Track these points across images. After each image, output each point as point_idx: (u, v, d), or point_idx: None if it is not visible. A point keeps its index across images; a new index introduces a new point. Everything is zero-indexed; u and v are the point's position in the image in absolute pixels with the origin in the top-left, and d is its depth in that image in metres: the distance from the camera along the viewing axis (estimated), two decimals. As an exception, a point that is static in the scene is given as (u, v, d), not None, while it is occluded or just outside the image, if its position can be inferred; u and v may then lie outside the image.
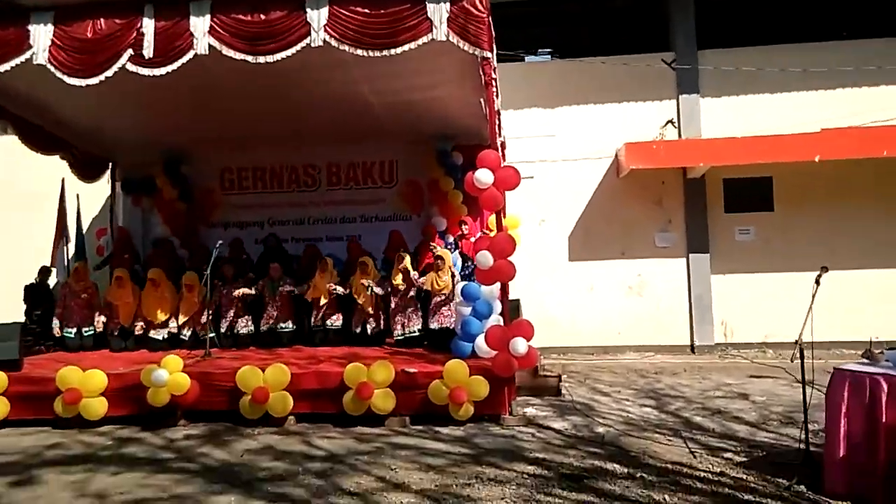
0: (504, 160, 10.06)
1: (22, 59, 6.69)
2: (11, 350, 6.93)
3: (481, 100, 8.41)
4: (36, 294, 9.32)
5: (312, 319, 8.57)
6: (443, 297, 7.95)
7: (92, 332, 8.70)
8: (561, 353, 10.87)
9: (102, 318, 8.68)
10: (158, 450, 5.53)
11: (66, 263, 9.70)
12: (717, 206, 11.26)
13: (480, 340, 6.72)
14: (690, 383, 8.37)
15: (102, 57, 6.65)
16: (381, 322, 8.52)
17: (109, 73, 6.67)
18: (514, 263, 6.38)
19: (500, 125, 8.70)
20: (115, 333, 8.64)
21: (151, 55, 6.60)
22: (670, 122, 11.25)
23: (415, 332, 8.22)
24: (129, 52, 6.60)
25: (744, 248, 11.22)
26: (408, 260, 8.28)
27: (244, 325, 8.64)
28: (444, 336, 7.73)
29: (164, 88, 8.05)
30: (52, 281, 9.61)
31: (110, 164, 10.82)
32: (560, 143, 11.40)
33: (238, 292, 8.39)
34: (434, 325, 7.99)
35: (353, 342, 8.46)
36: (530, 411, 6.71)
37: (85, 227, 10.76)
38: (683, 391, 7.82)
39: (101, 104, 8.60)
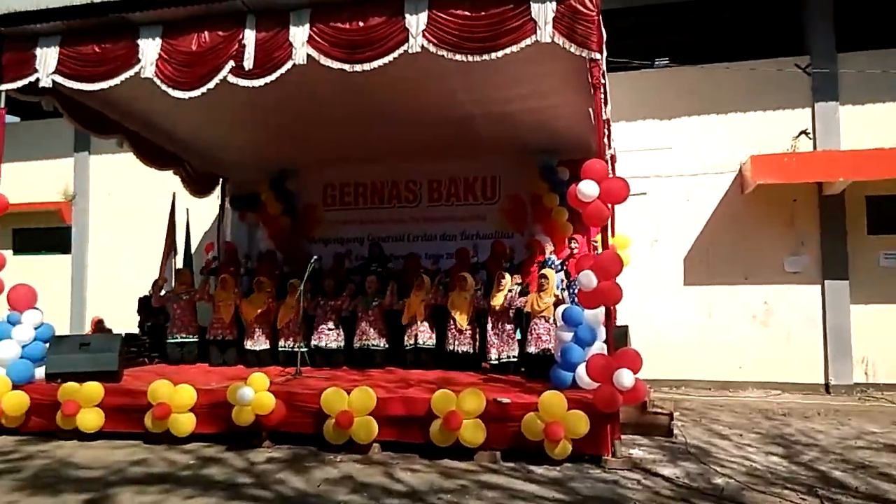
0: (613, 174, 9.52)
1: (131, 73, 6.85)
2: (111, 361, 7.02)
3: (590, 109, 7.87)
4: (148, 306, 9.57)
5: (406, 338, 8.23)
6: (543, 321, 7.39)
7: (192, 339, 8.78)
8: (673, 386, 9.96)
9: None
10: (237, 473, 5.30)
11: (173, 276, 9.93)
12: (858, 227, 9.98)
13: (582, 370, 6.13)
14: (826, 429, 7.31)
15: (205, 69, 6.69)
16: (477, 344, 8.06)
17: (211, 84, 6.70)
18: (620, 286, 5.74)
19: (609, 136, 8.07)
20: (216, 339, 8.66)
21: (251, 66, 6.58)
22: (804, 132, 10.09)
23: (512, 357, 7.71)
24: (231, 63, 6.63)
25: (890, 275, 9.88)
26: (509, 280, 7.79)
27: (334, 340, 8.43)
28: (542, 363, 7.15)
29: (271, 110, 8.24)
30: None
31: (220, 180, 11.07)
32: (677, 156, 10.53)
33: (339, 302, 8.30)
34: (532, 350, 7.44)
35: (447, 364, 8.05)
36: (637, 453, 6.00)
37: (194, 242, 11.01)
38: (818, 438, 6.81)
39: (213, 123, 8.85)
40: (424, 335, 8.17)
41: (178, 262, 10.34)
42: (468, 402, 5.72)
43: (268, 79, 6.57)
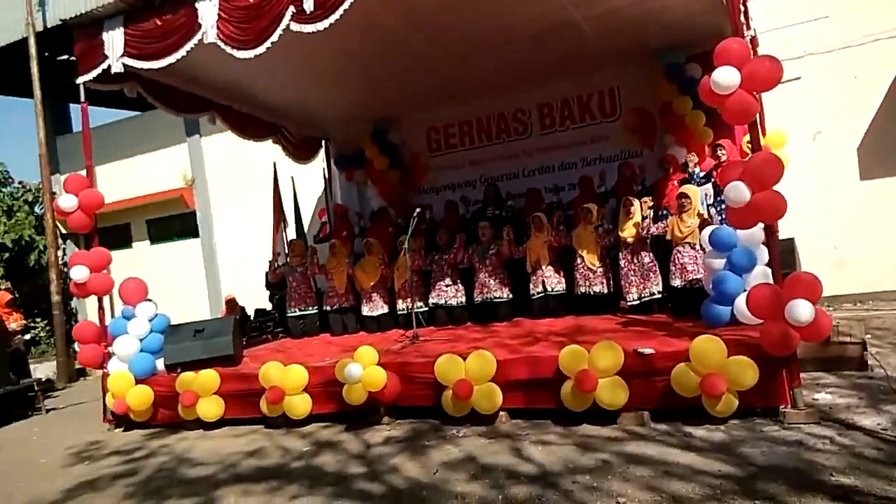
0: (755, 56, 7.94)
1: (195, 40, 6.39)
2: (226, 345, 6.76)
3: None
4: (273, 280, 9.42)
5: (531, 285, 7.38)
6: (688, 248, 6.25)
7: (313, 311, 8.48)
8: (857, 301, 8.37)
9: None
10: (350, 460, 4.78)
11: (286, 249, 9.67)
12: None
13: (741, 303, 5.01)
14: None
15: (266, 20, 6.08)
16: (611, 282, 7.05)
17: (274, 37, 6.07)
18: (782, 195, 4.51)
19: (746, 12, 6.60)
20: (334, 308, 8.29)
21: (312, 8, 5.86)
22: None
23: (655, 293, 6.64)
24: (291, 9, 5.95)
25: None
26: (638, 207, 6.66)
27: (453, 296, 7.75)
28: (693, 297, 6.06)
29: (356, 60, 7.65)
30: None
31: (322, 142, 10.62)
32: (835, 25, 8.61)
33: (452, 255, 7.64)
34: (677, 283, 6.33)
35: (580, 308, 7.13)
36: (824, 398, 4.83)
37: (308, 211, 10.69)
38: None
39: (300, 84, 8.40)
40: (552, 280, 7.27)
41: (291, 233, 10.07)
42: (602, 358, 4.81)
43: (331, 18, 5.81)
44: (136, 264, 13.86)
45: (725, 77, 4.54)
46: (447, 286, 7.76)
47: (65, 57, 12.77)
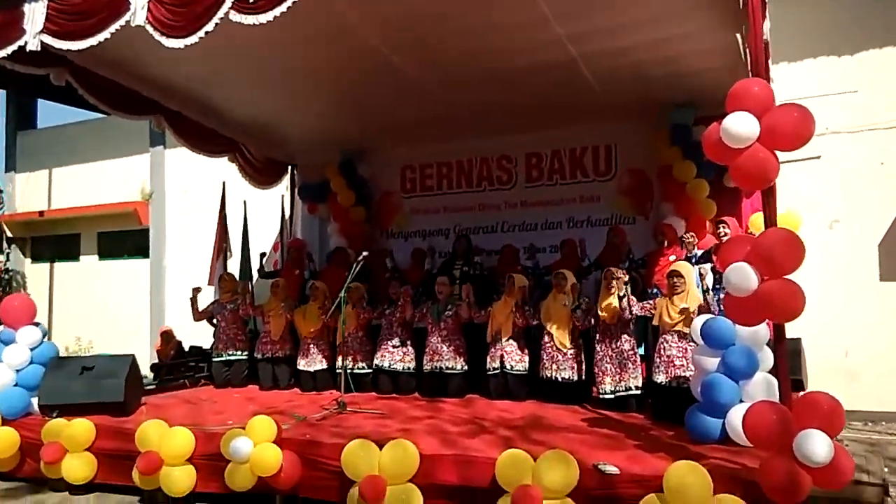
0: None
1: (123, 21, 5.38)
2: (115, 389, 5.60)
3: (738, 35, 5.63)
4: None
5: (489, 359, 6.27)
6: (677, 337, 5.18)
7: (241, 355, 7.33)
8: (869, 421, 7.23)
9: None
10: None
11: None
12: None
13: (736, 417, 3.96)
14: None
15: (202, 5, 5.08)
16: (583, 368, 5.95)
17: (209, 26, 5.03)
18: (799, 287, 3.48)
19: (768, 67, 5.68)
20: (265, 357, 7.15)
21: (253, -4, 4.91)
22: None
23: (632, 388, 5.54)
24: (231, -5, 5.00)
25: None
26: (622, 280, 5.61)
27: (400, 360, 6.64)
28: (679, 398, 4.97)
29: (330, 74, 6.71)
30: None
31: (289, 168, 9.63)
32: (864, 102, 7.66)
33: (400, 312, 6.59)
34: (661, 379, 5.23)
35: (544, 394, 6.03)
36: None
37: (262, 242, 9.57)
38: None
39: (266, 95, 7.41)
40: (513, 357, 6.17)
41: (235, 265, 8.99)
42: (551, 472, 3.69)
43: (276, 11, 4.82)
44: (81, 280, 12.81)
45: (740, 126, 3.57)
46: (395, 347, 6.66)
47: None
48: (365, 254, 6.12)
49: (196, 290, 7.49)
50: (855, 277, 7.64)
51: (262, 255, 8.27)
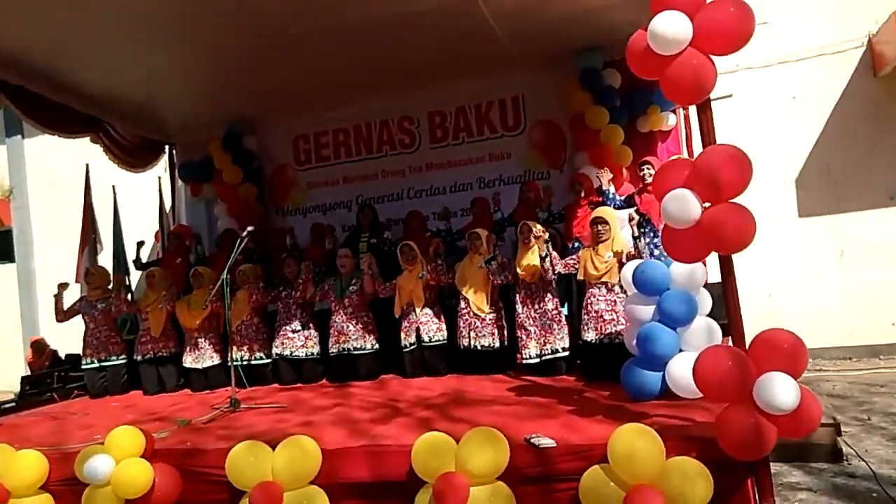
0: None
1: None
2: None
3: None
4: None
5: (402, 334, 5.62)
6: (604, 290, 4.68)
7: (117, 360, 6.38)
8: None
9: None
10: None
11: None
12: None
13: (677, 368, 3.51)
14: None
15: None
16: (505, 333, 5.39)
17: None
18: (748, 210, 3.00)
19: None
20: (147, 358, 6.23)
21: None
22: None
23: (560, 350, 5.02)
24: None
25: None
26: (540, 232, 5.05)
27: (302, 346, 5.91)
28: (611, 355, 4.50)
29: (201, 31, 5.73)
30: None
31: (167, 147, 8.58)
32: (775, 34, 7.39)
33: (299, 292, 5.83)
34: (590, 337, 4.73)
35: (466, 365, 5.44)
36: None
37: (136, 231, 8.47)
38: None
39: (127, 58, 6.26)
40: (429, 327, 5.54)
41: (106, 258, 7.93)
42: (477, 455, 3.08)
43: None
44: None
45: (670, 26, 3.03)
46: (294, 332, 5.90)
47: None
48: (250, 228, 5.29)
49: (62, 287, 6.45)
50: (774, 216, 7.43)
51: (140, 244, 7.24)
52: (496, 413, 3.90)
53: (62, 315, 6.41)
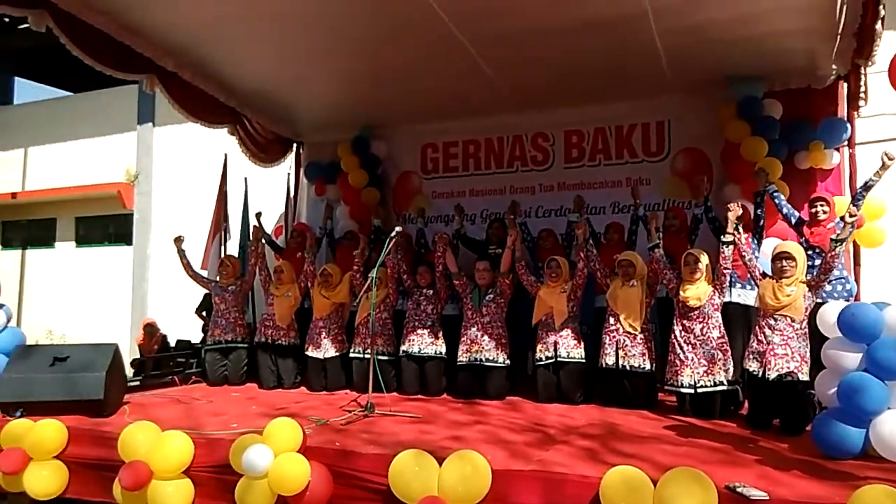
0: (861, 104, 6.18)
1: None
2: (94, 385, 4.59)
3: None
4: (209, 305, 7.26)
5: (539, 347, 5.34)
6: (786, 322, 4.26)
7: (240, 344, 6.34)
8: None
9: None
10: None
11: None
12: None
13: (888, 425, 3.10)
14: None
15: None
16: (653, 356, 5.02)
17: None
18: None
19: (878, 32, 4.86)
20: (268, 342, 6.18)
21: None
22: None
23: (720, 383, 4.62)
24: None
25: None
26: (706, 263, 4.71)
27: (430, 344, 5.72)
28: (784, 398, 4.12)
29: (345, 34, 5.76)
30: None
31: (295, 145, 8.65)
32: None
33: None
34: (755, 369, 4.33)
35: (606, 392, 5.14)
36: None
37: (270, 225, 8.54)
38: None
39: (270, 59, 6.44)
40: (568, 342, 5.24)
41: (233, 247, 7.98)
42: (682, 500, 2.75)
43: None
44: (56, 268, 11.68)
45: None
46: (423, 330, 5.71)
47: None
48: (398, 229, 5.21)
49: (178, 241, 6.48)
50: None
51: (259, 214, 7.10)
52: (671, 453, 3.55)
53: (191, 272, 6.55)
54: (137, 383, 6.04)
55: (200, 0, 5.25)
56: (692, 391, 4.63)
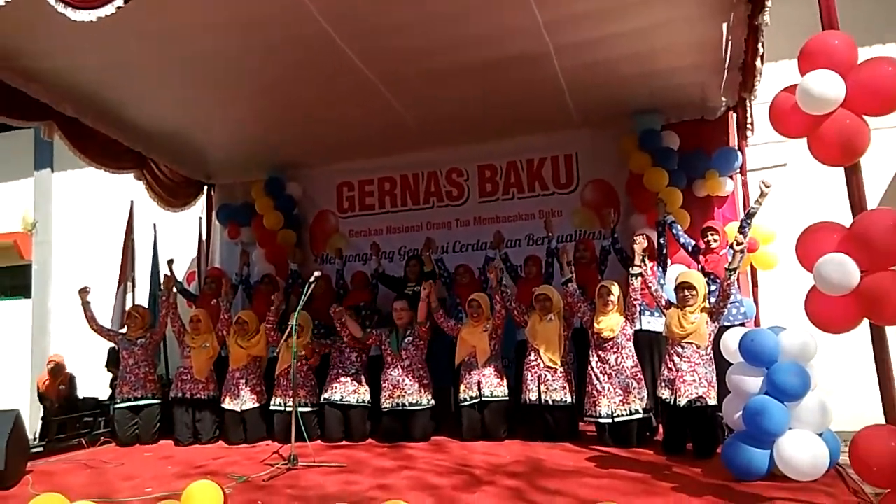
0: (749, 134, 6.59)
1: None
2: (-8, 455, 4.30)
3: (724, 24, 5.14)
4: (118, 359, 6.89)
5: (462, 387, 5.36)
6: (692, 349, 4.45)
7: (151, 400, 6.06)
8: None
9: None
10: None
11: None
12: None
13: (790, 445, 3.30)
14: None
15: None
16: (572, 389, 5.13)
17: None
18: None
19: (759, 68, 5.24)
20: (184, 397, 5.92)
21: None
22: None
23: (636, 412, 4.77)
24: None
25: None
26: (616, 294, 4.90)
27: (354, 392, 5.64)
28: (695, 423, 4.28)
29: (256, 67, 5.65)
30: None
31: (205, 187, 8.43)
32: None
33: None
34: (666, 396, 4.50)
35: (529, 428, 5.21)
36: None
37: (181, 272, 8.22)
38: None
39: (177, 95, 6.19)
40: (491, 381, 5.29)
41: (142, 297, 7.66)
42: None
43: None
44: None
45: (823, 86, 2.91)
46: (346, 378, 5.63)
47: None
48: (317, 274, 5.14)
49: (85, 291, 6.17)
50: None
51: (170, 262, 6.83)
52: (594, 486, 3.64)
53: (96, 325, 6.24)
54: (41, 449, 5.67)
55: (100, 44, 5.03)
56: (610, 420, 4.76)
